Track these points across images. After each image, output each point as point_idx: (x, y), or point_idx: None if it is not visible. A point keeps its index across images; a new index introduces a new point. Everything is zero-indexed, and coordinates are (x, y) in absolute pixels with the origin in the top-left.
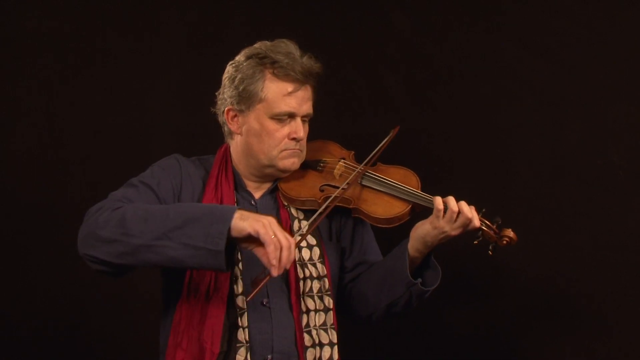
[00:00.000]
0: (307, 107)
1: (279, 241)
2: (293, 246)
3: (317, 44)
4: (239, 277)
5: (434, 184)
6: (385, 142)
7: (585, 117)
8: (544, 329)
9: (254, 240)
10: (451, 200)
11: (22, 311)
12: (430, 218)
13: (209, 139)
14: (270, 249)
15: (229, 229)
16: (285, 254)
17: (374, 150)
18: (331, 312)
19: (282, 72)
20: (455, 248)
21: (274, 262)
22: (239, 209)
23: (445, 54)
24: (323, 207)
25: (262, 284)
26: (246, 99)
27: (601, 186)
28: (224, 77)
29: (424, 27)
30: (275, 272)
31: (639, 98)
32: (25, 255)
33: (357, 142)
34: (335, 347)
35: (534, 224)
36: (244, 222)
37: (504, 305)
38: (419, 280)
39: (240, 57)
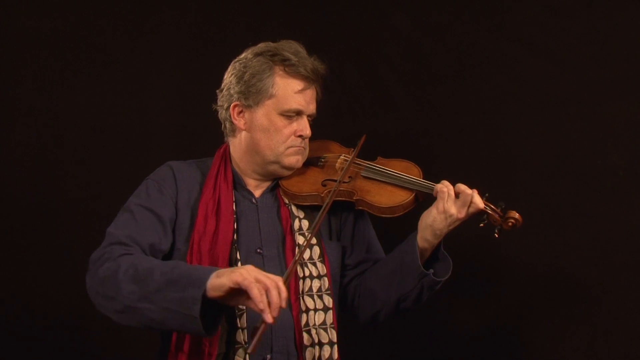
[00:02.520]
0: (313, 107)
1: (263, 284)
2: (281, 284)
3: (317, 44)
4: None
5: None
6: (356, 152)
7: (585, 117)
8: (544, 328)
9: (238, 294)
10: (449, 183)
11: (22, 311)
12: (435, 202)
13: (209, 139)
14: (254, 293)
15: (205, 292)
16: (273, 294)
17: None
18: (331, 311)
19: (293, 70)
20: (455, 248)
21: (262, 306)
22: (217, 269)
23: (445, 54)
24: (325, 203)
25: (259, 333)
26: (255, 94)
27: (601, 186)
28: (227, 75)
29: (424, 27)
30: (268, 318)
31: (639, 98)
32: (25, 255)
33: (357, 142)
34: (335, 347)
35: (534, 224)
36: (220, 278)
37: (504, 305)
38: (431, 271)
39: (247, 55)
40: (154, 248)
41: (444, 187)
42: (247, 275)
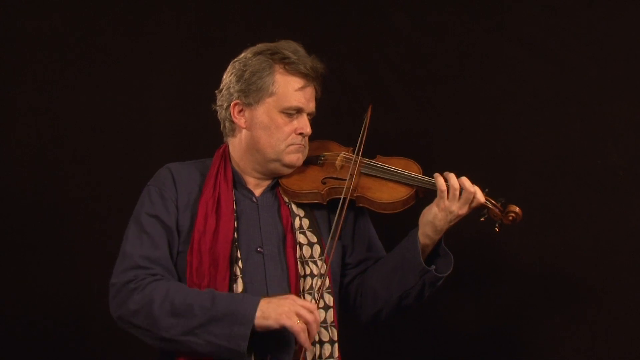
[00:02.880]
0: (312, 105)
1: (305, 321)
2: (316, 313)
3: (318, 44)
4: (239, 275)
5: None
6: (365, 126)
7: (585, 117)
8: (544, 328)
9: None
10: (452, 177)
11: (21, 311)
12: (436, 200)
13: (209, 138)
14: (301, 337)
15: (254, 327)
16: (313, 328)
17: (360, 136)
18: (332, 309)
19: (293, 67)
20: (456, 246)
21: (307, 345)
22: (261, 301)
23: (445, 54)
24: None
25: (301, 356)
26: (255, 92)
27: (601, 186)
28: (227, 74)
29: (424, 27)
30: (309, 348)
31: (639, 98)
32: (25, 255)
33: (356, 143)
34: (336, 345)
35: (534, 224)
36: (267, 321)
37: (505, 305)
38: (433, 267)
39: (246, 54)
40: (171, 259)
41: (444, 185)
42: (292, 316)
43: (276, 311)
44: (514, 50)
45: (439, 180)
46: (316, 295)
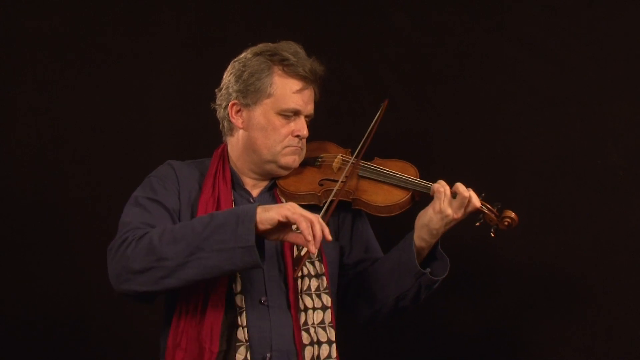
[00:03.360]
0: (311, 107)
1: (308, 218)
2: (321, 220)
3: (317, 44)
4: (238, 276)
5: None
6: (376, 120)
7: (585, 117)
8: (544, 329)
9: (281, 229)
10: (446, 183)
11: (21, 311)
12: (431, 203)
13: (209, 138)
14: (303, 226)
15: (256, 224)
16: (317, 227)
17: (367, 131)
18: (329, 310)
19: (292, 70)
20: (454, 248)
21: (310, 237)
22: (259, 204)
23: (445, 54)
24: (327, 204)
25: (303, 260)
26: (253, 93)
27: (601, 186)
28: (227, 74)
29: (424, 27)
30: (313, 248)
31: (639, 98)
32: (25, 255)
33: (357, 143)
34: (334, 345)
35: (533, 224)
36: (269, 212)
37: (504, 305)
38: (428, 270)
39: (246, 54)
40: None
41: (441, 187)
42: (294, 209)
43: (277, 205)
44: (514, 50)
45: (435, 185)
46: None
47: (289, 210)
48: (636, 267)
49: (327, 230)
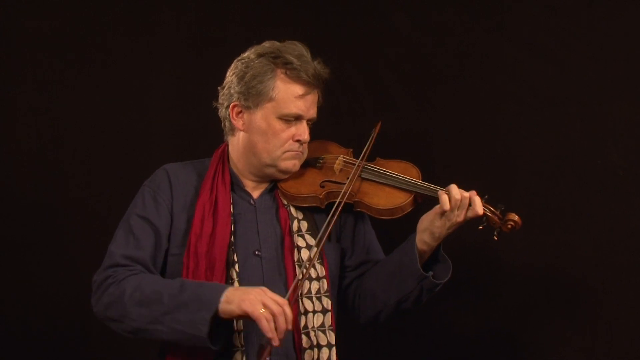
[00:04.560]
0: (313, 112)
1: (270, 312)
2: (286, 307)
3: (317, 44)
4: (235, 279)
5: (434, 184)
6: (371, 141)
7: (585, 117)
8: (544, 329)
9: (247, 316)
10: (453, 187)
11: (21, 311)
12: (435, 207)
13: (209, 138)
14: (263, 324)
15: (217, 312)
16: (280, 320)
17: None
18: (329, 313)
19: (295, 74)
20: (455, 249)
21: (270, 335)
22: (229, 288)
23: (445, 54)
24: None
25: (266, 354)
26: (255, 96)
27: (601, 186)
28: (230, 73)
29: (424, 27)
30: (275, 342)
31: (639, 98)
32: (25, 255)
33: (357, 143)
34: (334, 349)
35: (534, 224)
36: (230, 305)
37: (505, 306)
38: (430, 273)
39: (250, 54)
40: (154, 260)
41: (444, 192)
42: (255, 303)
43: (240, 297)
44: (514, 50)
45: (442, 196)
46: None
47: (250, 305)
48: (636, 267)
49: (290, 319)
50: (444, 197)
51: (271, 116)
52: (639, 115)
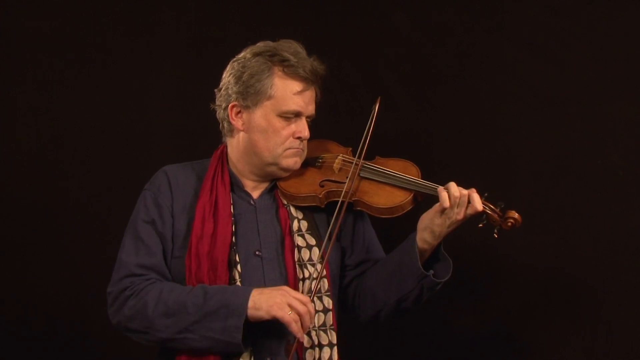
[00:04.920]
0: (312, 108)
1: (297, 313)
2: (310, 306)
3: (317, 44)
4: (237, 279)
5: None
6: (373, 118)
7: (585, 117)
8: (544, 329)
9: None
10: (452, 185)
11: (21, 312)
12: (435, 205)
13: (209, 139)
14: (292, 327)
15: (247, 317)
16: (305, 319)
17: (364, 133)
18: (330, 312)
19: (292, 71)
20: (455, 248)
21: (300, 334)
22: (253, 292)
23: (445, 54)
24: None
25: (293, 350)
26: (253, 95)
27: (601, 186)
28: (226, 74)
29: (424, 27)
30: (302, 340)
31: (639, 98)
32: (25, 255)
33: (356, 142)
34: (335, 348)
35: (534, 224)
36: (259, 311)
37: (505, 306)
38: (431, 272)
39: (246, 54)
40: (166, 263)
41: (444, 190)
42: (283, 306)
43: (267, 302)
44: (514, 50)
45: (442, 193)
46: (313, 285)
47: (279, 308)
48: (636, 267)
49: (313, 316)
50: (443, 195)
51: (271, 114)
52: (639, 115)
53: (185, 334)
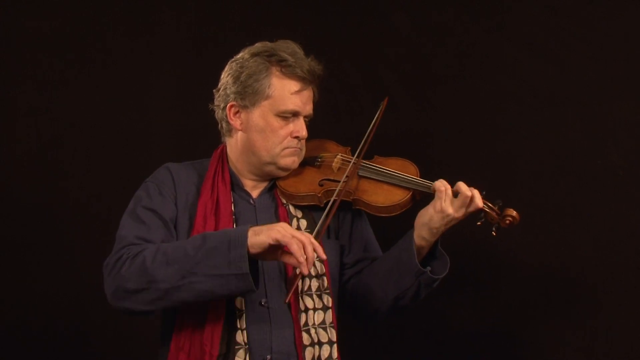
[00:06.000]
0: (309, 108)
1: (299, 240)
2: (313, 240)
3: (317, 44)
4: None
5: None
6: (376, 119)
7: (585, 117)
8: (544, 328)
9: (274, 250)
10: (462, 184)
11: (21, 311)
12: (432, 202)
13: (208, 138)
14: (294, 248)
15: (248, 249)
16: (309, 249)
17: (368, 130)
18: (330, 310)
19: (290, 71)
20: (453, 246)
21: (302, 259)
22: (250, 226)
23: (445, 54)
24: (329, 204)
25: (295, 282)
26: (251, 95)
27: (601, 186)
28: (224, 74)
29: (424, 27)
30: (305, 270)
31: (639, 98)
32: (25, 255)
33: (356, 142)
34: (335, 346)
35: (534, 224)
36: (259, 236)
37: (504, 305)
38: (428, 268)
39: (244, 55)
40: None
41: (442, 186)
42: (285, 231)
43: (268, 227)
44: (514, 50)
45: (437, 183)
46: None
47: (279, 232)
48: (636, 267)
49: (320, 250)
50: (437, 184)
51: (269, 114)
52: (639, 115)
53: (189, 277)
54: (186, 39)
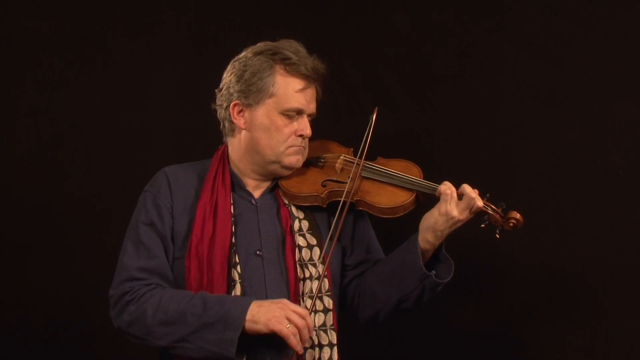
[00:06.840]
0: (313, 106)
1: (295, 326)
2: (308, 319)
3: (317, 44)
4: (237, 280)
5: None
6: (371, 128)
7: (585, 117)
8: (545, 329)
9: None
10: (467, 186)
11: (21, 311)
12: (437, 205)
13: (209, 139)
14: (291, 341)
15: (243, 331)
16: (304, 333)
17: (363, 140)
18: (331, 312)
19: (294, 69)
20: (456, 248)
21: (298, 348)
22: (251, 305)
23: (445, 54)
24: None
25: None
26: (255, 93)
27: (601, 186)
28: (227, 74)
29: (424, 27)
30: (300, 352)
31: (639, 98)
32: (25, 255)
33: (356, 142)
34: (335, 348)
35: (534, 224)
36: (257, 325)
37: (505, 306)
38: (433, 272)
39: (247, 54)
40: (167, 266)
41: (447, 189)
42: (282, 320)
43: (266, 316)
44: (514, 50)
45: (441, 186)
46: (315, 287)
47: (278, 322)
48: (636, 267)
49: (312, 328)
50: (442, 187)
51: (273, 112)
52: (639, 115)
53: (183, 343)
54: (186, 39)
